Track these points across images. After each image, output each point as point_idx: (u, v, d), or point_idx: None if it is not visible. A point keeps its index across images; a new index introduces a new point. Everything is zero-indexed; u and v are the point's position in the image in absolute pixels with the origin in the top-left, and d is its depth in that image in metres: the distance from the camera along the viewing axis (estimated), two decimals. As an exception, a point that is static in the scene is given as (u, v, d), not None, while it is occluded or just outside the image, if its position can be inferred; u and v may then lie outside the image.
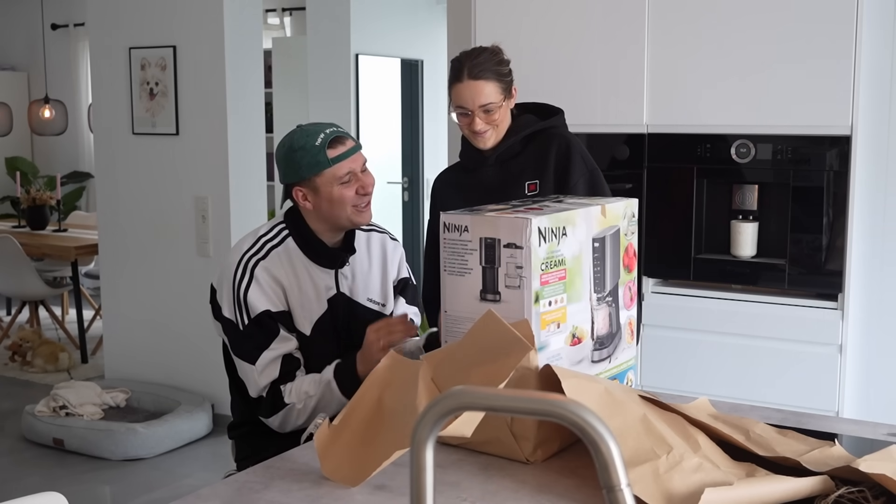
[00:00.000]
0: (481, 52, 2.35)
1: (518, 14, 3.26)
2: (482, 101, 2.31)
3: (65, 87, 8.38)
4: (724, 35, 2.96)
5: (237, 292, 2.11)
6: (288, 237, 2.19)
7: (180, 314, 4.68)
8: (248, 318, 2.10)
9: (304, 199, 2.15)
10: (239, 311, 2.11)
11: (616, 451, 0.77)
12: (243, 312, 2.10)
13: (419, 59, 6.98)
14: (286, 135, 2.18)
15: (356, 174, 2.13)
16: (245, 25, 4.48)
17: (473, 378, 1.45)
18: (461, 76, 2.31)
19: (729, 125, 2.98)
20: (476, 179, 2.44)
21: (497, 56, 2.34)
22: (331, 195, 2.11)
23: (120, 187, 4.79)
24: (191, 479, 4.03)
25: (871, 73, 2.91)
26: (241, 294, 2.11)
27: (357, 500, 1.40)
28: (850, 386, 2.93)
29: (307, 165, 2.10)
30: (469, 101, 2.31)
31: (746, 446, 1.49)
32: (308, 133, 2.12)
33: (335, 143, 2.11)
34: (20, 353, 5.68)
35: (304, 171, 2.11)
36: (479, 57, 2.32)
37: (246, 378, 2.12)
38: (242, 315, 2.10)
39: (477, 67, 2.30)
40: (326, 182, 2.11)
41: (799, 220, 2.91)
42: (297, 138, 2.13)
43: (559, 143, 2.41)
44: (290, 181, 2.15)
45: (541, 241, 1.58)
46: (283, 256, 2.16)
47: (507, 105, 2.37)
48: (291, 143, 2.13)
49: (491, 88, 2.30)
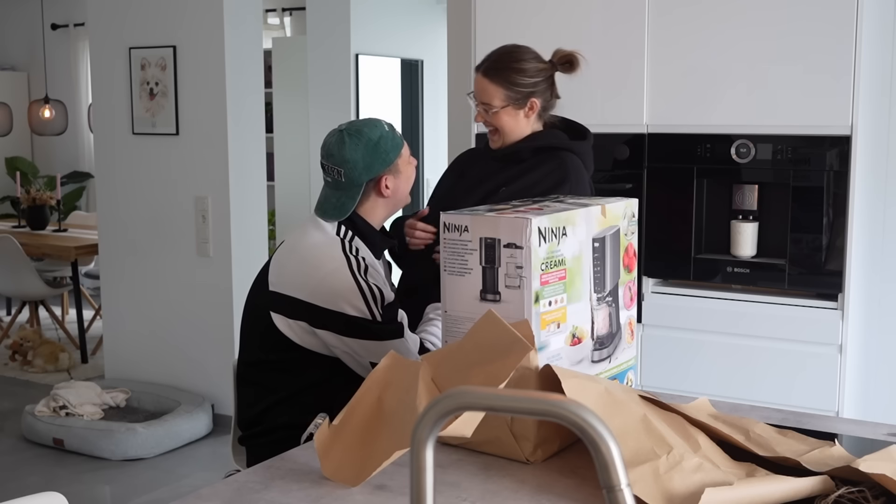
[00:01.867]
0: (507, 53, 2.33)
1: (518, 14, 3.26)
2: (483, 98, 2.33)
3: (65, 87, 8.38)
4: (724, 35, 2.96)
5: (368, 291, 2.13)
6: (354, 235, 2.24)
7: (180, 314, 4.68)
8: (383, 306, 2.15)
9: (387, 187, 2.23)
10: (375, 305, 2.13)
11: (616, 451, 0.77)
12: (378, 305, 2.14)
13: (419, 59, 6.98)
14: (350, 137, 2.19)
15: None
16: (245, 25, 4.48)
17: (473, 378, 1.45)
18: (479, 66, 2.35)
19: (729, 125, 2.98)
20: (477, 168, 2.46)
21: (521, 64, 2.30)
22: (408, 172, 2.26)
23: (120, 187, 4.79)
24: (191, 479, 4.03)
25: (871, 73, 2.92)
26: (375, 291, 2.14)
27: (357, 500, 1.40)
28: (850, 386, 2.93)
29: (392, 147, 2.21)
30: (476, 93, 2.36)
31: (746, 446, 1.49)
32: (373, 124, 2.23)
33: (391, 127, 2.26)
34: (20, 353, 5.68)
35: (392, 154, 2.21)
36: (501, 57, 2.32)
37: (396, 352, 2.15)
38: (378, 307, 2.14)
39: (492, 66, 2.31)
40: (405, 161, 2.24)
41: (799, 220, 2.91)
42: (368, 131, 2.20)
43: (556, 169, 2.32)
44: (378, 172, 2.21)
45: (541, 241, 1.58)
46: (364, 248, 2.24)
47: (516, 114, 2.33)
48: (368, 137, 2.20)
49: (493, 91, 2.30)
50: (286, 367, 2.20)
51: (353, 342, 2.12)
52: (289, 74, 6.93)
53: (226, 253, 4.49)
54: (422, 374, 1.50)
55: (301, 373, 2.19)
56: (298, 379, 2.19)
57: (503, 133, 2.36)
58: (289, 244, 2.26)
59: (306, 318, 2.13)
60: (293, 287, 2.15)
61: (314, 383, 2.19)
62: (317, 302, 2.12)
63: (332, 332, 2.12)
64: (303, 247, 2.21)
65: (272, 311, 2.16)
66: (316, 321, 2.13)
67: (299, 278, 2.16)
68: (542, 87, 2.33)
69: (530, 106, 2.33)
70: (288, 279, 2.17)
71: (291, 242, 2.26)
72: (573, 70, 2.37)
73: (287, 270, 2.19)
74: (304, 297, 2.13)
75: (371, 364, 2.13)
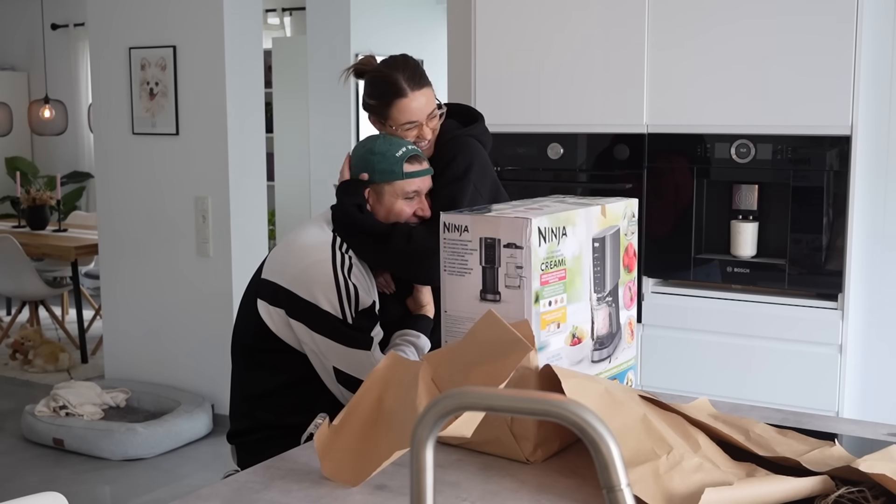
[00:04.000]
0: (407, 62, 2.28)
1: (518, 14, 3.26)
2: (430, 108, 2.25)
3: (65, 87, 8.39)
4: (723, 35, 2.96)
5: (344, 288, 2.12)
6: None
7: (180, 314, 4.68)
8: (356, 310, 2.13)
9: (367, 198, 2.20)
10: (349, 305, 2.12)
11: (616, 451, 0.77)
12: (352, 306, 2.12)
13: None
14: (368, 137, 2.24)
15: (421, 195, 2.21)
16: (245, 25, 4.49)
17: (473, 378, 1.45)
18: (403, 91, 2.22)
19: (729, 125, 2.98)
20: None
21: (417, 66, 2.29)
22: (392, 206, 2.19)
23: (120, 187, 4.79)
24: (191, 479, 4.03)
25: (872, 73, 2.92)
26: (351, 289, 2.12)
27: (357, 500, 1.40)
28: (850, 386, 2.93)
29: (381, 171, 2.17)
30: (418, 112, 2.24)
31: (746, 446, 1.49)
32: (391, 142, 2.19)
33: (413, 160, 2.19)
34: (21, 353, 5.68)
35: (377, 175, 2.17)
36: (407, 67, 2.26)
37: (360, 366, 2.12)
38: (351, 308, 2.12)
39: (419, 77, 2.25)
40: (393, 192, 2.18)
41: (799, 220, 2.91)
42: (379, 143, 2.19)
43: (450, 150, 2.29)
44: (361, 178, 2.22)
45: (541, 240, 1.58)
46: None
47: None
48: (373, 146, 2.19)
49: (432, 94, 2.27)
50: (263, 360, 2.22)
51: (322, 340, 2.13)
52: (289, 74, 6.93)
53: (226, 253, 4.49)
54: (422, 374, 1.50)
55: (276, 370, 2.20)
56: (274, 377, 2.20)
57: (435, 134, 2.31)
58: (287, 236, 2.31)
59: (285, 305, 2.16)
60: (277, 274, 2.19)
61: (290, 383, 2.19)
62: (295, 290, 2.14)
63: (304, 324, 2.13)
64: (296, 238, 2.25)
65: (258, 298, 2.20)
66: (291, 310, 2.14)
67: (284, 266, 2.19)
68: None
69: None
70: (275, 267, 2.21)
71: (290, 235, 2.30)
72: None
73: (276, 259, 2.23)
74: (285, 284, 2.16)
75: (334, 369, 2.13)
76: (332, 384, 2.15)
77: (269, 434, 2.21)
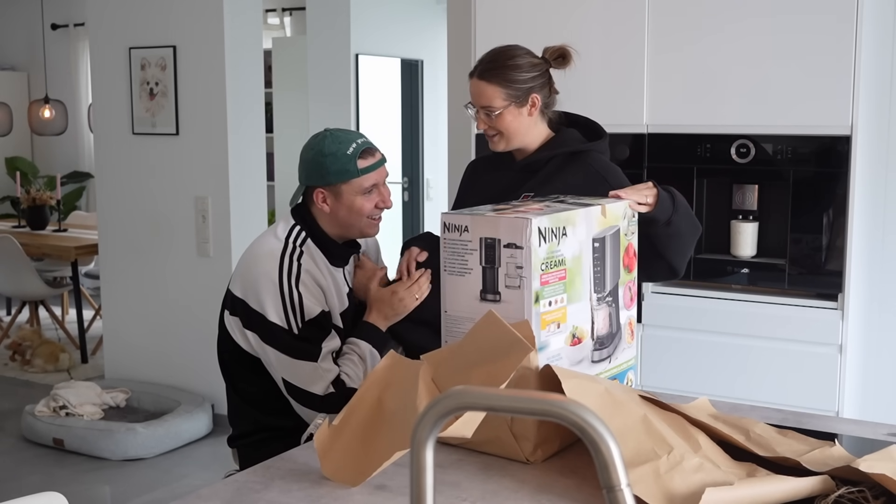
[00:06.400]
0: (501, 53, 2.28)
1: (518, 14, 3.26)
2: (482, 102, 2.26)
3: (65, 87, 8.38)
4: (723, 35, 2.96)
5: (289, 297, 2.11)
6: (307, 238, 2.21)
7: (180, 314, 4.68)
8: (303, 320, 2.11)
9: (323, 202, 2.18)
10: (294, 315, 2.11)
11: (616, 451, 0.77)
12: (297, 316, 2.11)
13: (419, 59, 6.98)
14: (315, 138, 2.20)
15: (379, 187, 2.20)
16: (245, 25, 4.48)
17: (474, 378, 1.45)
18: (473, 72, 2.29)
19: (729, 125, 2.98)
20: (496, 178, 2.38)
21: (515, 61, 2.25)
22: (352, 204, 2.17)
23: (120, 187, 4.79)
24: (190, 479, 4.03)
25: (872, 73, 2.91)
26: (295, 298, 2.11)
27: (357, 500, 1.40)
28: (850, 386, 2.93)
29: (336, 172, 2.14)
30: (474, 98, 2.29)
31: (746, 446, 1.49)
32: (339, 140, 2.16)
33: (365, 154, 2.17)
34: (20, 353, 5.68)
35: (332, 177, 2.15)
36: (495, 57, 2.26)
37: (307, 377, 2.10)
38: (297, 318, 2.11)
39: (487, 68, 2.25)
40: (351, 191, 2.16)
41: (799, 220, 2.91)
42: (328, 143, 2.16)
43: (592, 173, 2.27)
44: (314, 183, 2.18)
45: (541, 241, 1.58)
46: (312, 257, 2.20)
47: (519, 113, 2.27)
48: (322, 147, 2.16)
49: (492, 92, 2.24)
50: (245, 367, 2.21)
51: (271, 351, 2.12)
52: (289, 74, 6.93)
53: (226, 253, 4.49)
54: (422, 374, 1.50)
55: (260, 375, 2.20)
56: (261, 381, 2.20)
57: (508, 136, 2.29)
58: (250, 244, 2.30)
59: (240, 315, 2.16)
60: (235, 283, 2.20)
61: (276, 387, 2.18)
62: (247, 300, 2.14)
63: (256, 334, 2.14)
64: (251, 247, 2.25)
65: (223, 308, 2.23)
66: (245, 320, 2.15)
67: (238, 275, 2.20)
68: (539, 82, 2.28)
69: (532, 103, 2.27)
70: (234, 276, 2.22)
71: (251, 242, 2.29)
72: (566, 64, 2.33)
73: (237, 268, 2.24)
74: (239, 294, 2.17)
75: (283, 381, 2.12)
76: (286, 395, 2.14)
77: (269, 435, 2.21)
